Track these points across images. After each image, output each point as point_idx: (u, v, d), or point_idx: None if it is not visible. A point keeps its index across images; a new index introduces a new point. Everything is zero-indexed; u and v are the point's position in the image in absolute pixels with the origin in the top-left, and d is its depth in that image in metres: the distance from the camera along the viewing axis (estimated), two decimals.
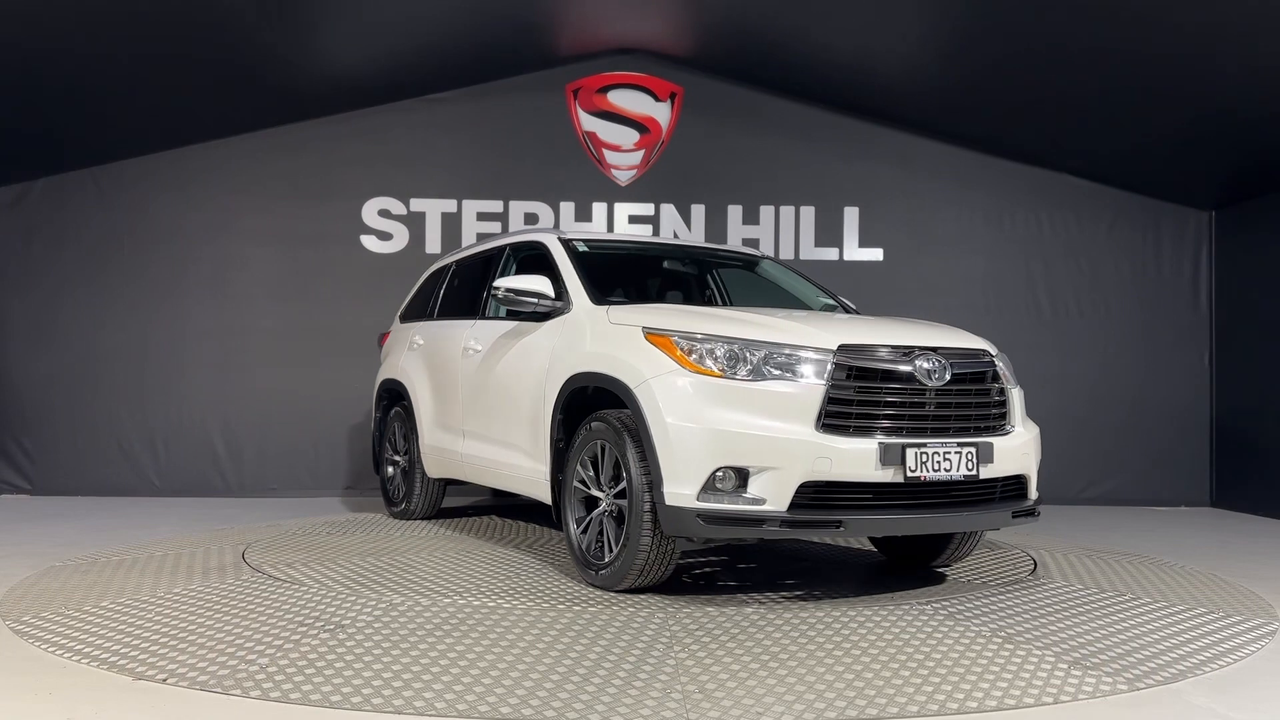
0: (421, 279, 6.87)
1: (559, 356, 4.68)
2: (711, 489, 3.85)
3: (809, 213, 8.13)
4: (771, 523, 3.82)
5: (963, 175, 8.14)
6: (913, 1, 6.48)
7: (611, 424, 4.21)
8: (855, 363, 3.98)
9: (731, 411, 3.89)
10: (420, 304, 6.64)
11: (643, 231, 8.02)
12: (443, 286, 6.43)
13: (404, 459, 6.45)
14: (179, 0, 5.99)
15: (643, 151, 8.09)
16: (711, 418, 3.88)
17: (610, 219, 8.07)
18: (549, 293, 4.88)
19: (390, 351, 6.78)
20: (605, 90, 8.07)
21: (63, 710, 2.79)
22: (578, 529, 4.45)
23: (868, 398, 3.95)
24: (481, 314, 5.71)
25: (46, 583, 4.42)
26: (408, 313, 6.80)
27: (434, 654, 3.30)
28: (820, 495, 3.86)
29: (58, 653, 3.35)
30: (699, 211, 8.09)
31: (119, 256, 7.81)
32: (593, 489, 4.37)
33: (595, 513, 4.35)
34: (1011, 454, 4.21)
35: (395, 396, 6.55)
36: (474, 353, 5.57)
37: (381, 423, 6.75)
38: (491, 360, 5.38)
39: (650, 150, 8.09)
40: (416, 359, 6.30)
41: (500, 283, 4.98)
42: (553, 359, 4.72)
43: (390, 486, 6.66)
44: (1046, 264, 8.12)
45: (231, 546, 5.33)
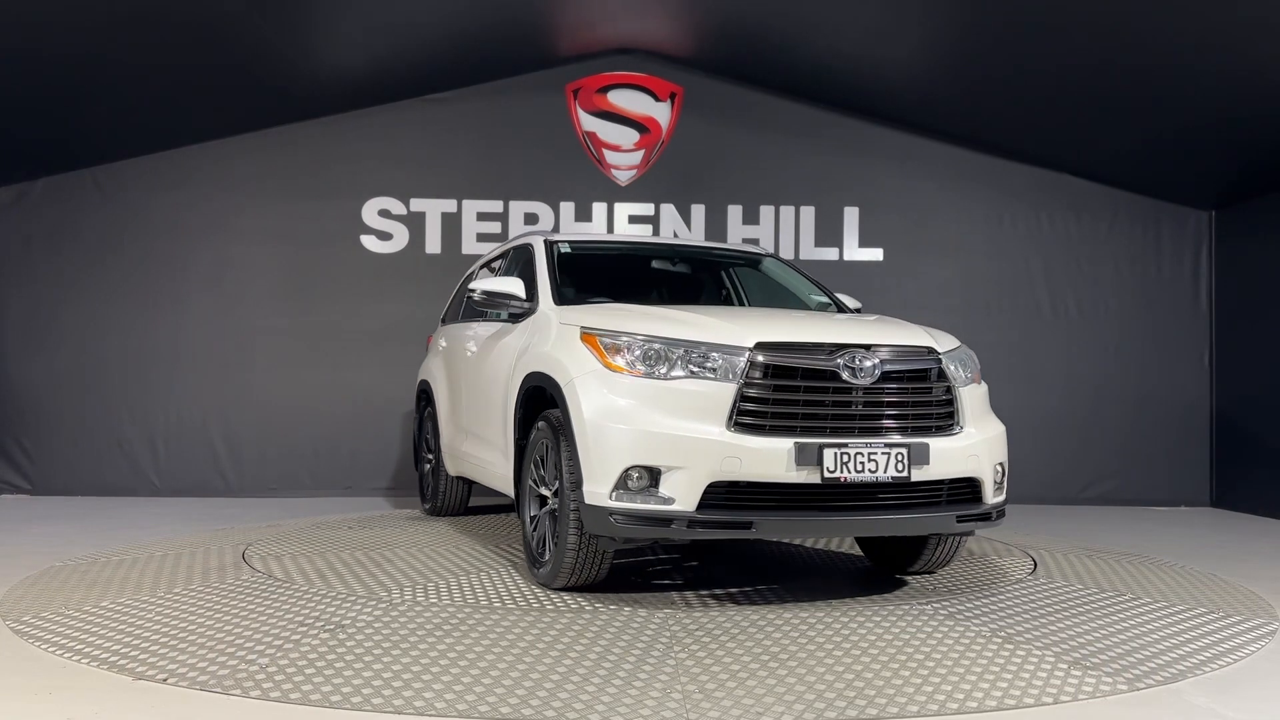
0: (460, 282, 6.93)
1: (521, 356, 4.70)
2: (624, 488, 3.82)
3: (809, 213, 8.13)
4: (679, 522, 3.77)
5: (963, 175, 8.14)
6: (914, 3, 6.49)
7: (551, 423, 4.22)
8: (773, 361, 3.89)
9: (647, 410, 3.86)
10: (452, 307, 6.77)
11: (643, 231, 8.03)
12: (464, 288, 6.50)
13: (433, 457, 6.58)
14: (179, 0, 5.99)
15: (643, 151, 8.09)
16: (627, 416, 3.87)
17: (610, 219, 8.07)
18: (520, 294, 4.91)
19: (428, 353, 6.95)
20: (605, 90, 8.07)
21: (63, 710, 2.79)
22: (530, 526, 4.47)
23: (785, 396, 3.86)
24: (484, 315, 5.75)
25: (46, 583, 4.42)
26: (445, 315, 6.91)
27: (434, 654, 3.30)
28: (731, 496, 3.80)
29: (58, 653, 3.35)
30: (699, 211, 8.10)
31: (119, 256, 7.82)
32: (541, 487, 4.38)
33: (542, 511, 4.36)
34: (954, 455, 4.02)
35: (426, 397, 6.70)
36: (472, 353, 5.69)
37: (419, 423, 6.88)
38: (479, 360, 5.48)
39: (650, 150, 8.09)
40: (439, 361, 6.46)
41: (475, 285, 5.05)
42: (517, 359, 4.75)
43: (425, 484, 6.82)
44: (1046, 264, 8.12)
45: (231, 546, 5.33)
